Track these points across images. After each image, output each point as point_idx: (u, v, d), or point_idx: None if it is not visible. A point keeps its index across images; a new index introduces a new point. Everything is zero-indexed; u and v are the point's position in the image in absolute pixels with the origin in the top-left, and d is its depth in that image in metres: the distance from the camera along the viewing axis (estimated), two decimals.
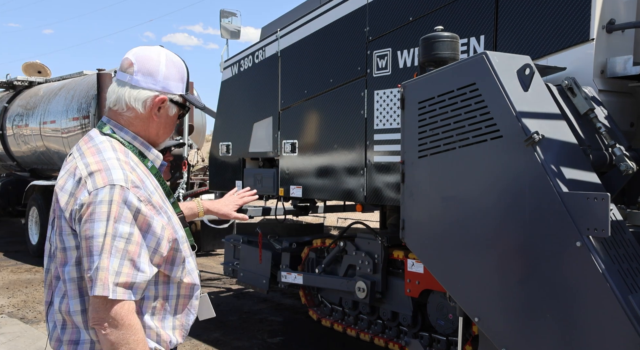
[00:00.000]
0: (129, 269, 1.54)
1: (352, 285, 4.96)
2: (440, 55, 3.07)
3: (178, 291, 1.73)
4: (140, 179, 1.65)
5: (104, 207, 1.53)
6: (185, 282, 1.74)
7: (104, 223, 1.52)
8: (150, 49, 1.77)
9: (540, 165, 2.52)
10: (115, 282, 1.51)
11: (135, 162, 1.70)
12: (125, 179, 1.59)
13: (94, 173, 1.59)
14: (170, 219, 1.69)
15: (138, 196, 1.59)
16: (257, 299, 6.88)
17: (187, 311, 1.76)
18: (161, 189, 1.76)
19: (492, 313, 2.75)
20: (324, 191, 4.85)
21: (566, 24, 3.22)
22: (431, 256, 3.06)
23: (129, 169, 1.63)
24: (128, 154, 1.70)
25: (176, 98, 1.78)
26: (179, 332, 1.75)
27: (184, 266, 1.72)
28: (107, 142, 1.69)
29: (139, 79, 1.71)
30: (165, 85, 1.74)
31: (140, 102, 1.71)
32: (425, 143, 3.02)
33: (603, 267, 2.33)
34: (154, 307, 1.68)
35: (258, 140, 5.51)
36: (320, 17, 4.81)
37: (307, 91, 4.94)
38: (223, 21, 6.37)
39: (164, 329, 1.69)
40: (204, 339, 5.36)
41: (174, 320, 1.73)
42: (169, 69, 1.75)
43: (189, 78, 1.83)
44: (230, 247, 6.51)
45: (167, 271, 1.68)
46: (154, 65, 1.73)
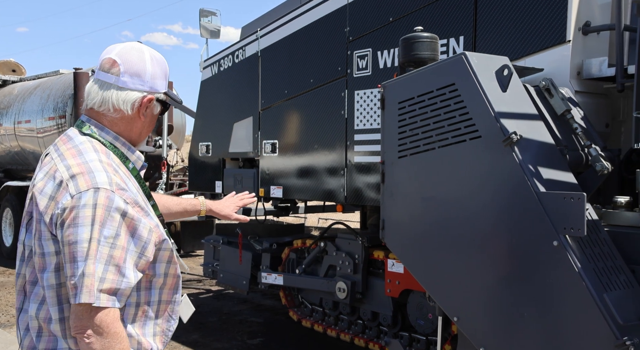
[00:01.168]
0: (113, 275, 1.49)
1: (332, 285, 4.96)
2: (419, 55, 3.09)
3: (159, 297, 1.68)
4: (124, 181, 1.60)
5: (88, 211, 1.48)
6: (168, 286, 1.70)
7: (89, 228, 1.47)
8: (133, 47, 1.72)
9: (518, 165, 2.54)
10: (99, 288, 1.46)
11: (117, 164, 1.65)
12: (110, 181, 1.54)
13: (76, 176, 1.53)
14: (158, 222, 1.66)
15: (124, 198, 1.54)
16: (237, 300, 6.84)
17: (167, 317, 1.72)
18: (142, 191, 1.70)
19: (471, 312, 2.77)
20: (304, 192, 4.84)
21: (543, 26, 3.26)
22: (411, 256, 3.07)
23: (112, 171, 1.58)
24: (110, 155, 1.65)
25: (162, 96, 1.76)
26: (159, 339, 1.70)
27: (169, 264, 1.68)
28: (88, 143, 1.63)
29: (126, 80, 1.66)
30: (152, 85, 1.71)
31: (129, 104, 1.67)
32: (405, 143, 3.03)
33: (579, 266, 2.35)
34: (135, 314, 1.63)
35: (238, 140, 5.48)
36: (301, 16, 4.80)
37: (288, 91, 4.92)
38: (203, 20, 6.32)
39: (144, 336, 1.65)
40: (182, 341, 5.32)
41: (155, 326, 1.68)
42: (154, 68, 1.71)
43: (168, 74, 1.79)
44: (210, 248, 6.46)
45: (150, 270, 1.63)
46: (140, 65, 1.68)
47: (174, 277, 1.71)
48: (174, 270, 1.70)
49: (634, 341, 2.21)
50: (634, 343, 2.20)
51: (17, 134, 10.65)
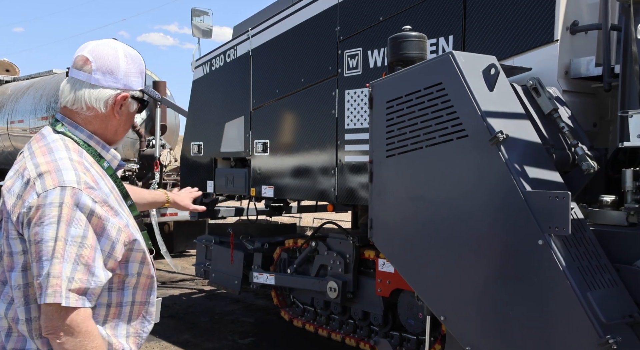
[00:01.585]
0: (82, 274, 1.47)
1: (323, 285, 4.95)
2: (408, 54, 3.09)
3: (133, 297, 1.66)
4: (95, 180, 1.58)
5: (54, 209, 1.46)
6: (141, 286, 1.68)
7: (54, 226, 1.45)
8: (106, 44, 1.69)
9: (504, 164, 2.54)
10: (68, 288, 1.44)
11: (89, 162, 1.63)
12: (78, 179, 1.52)
13: (43, 174, 1.51)
14: (128, 222, 1.63)
15: (92, 197, 1.52)
16: (229, 300, 6.83)
17: (142, 318, 1.69)
18: (117, 191, 1.68)
19: (458, 311, 2.77)
20: (295, 191, 4.84)
21: (531, 25, 3.26)
22: (398, 255, 3.07)
23: (82, 170, 1.56)
24: (82, 153, 1.63)
25: (137, 94, 1.73)
26: (133, 340, 1.68)
27: (142, 265, 1.67)
28: (60, 141, 1.61)
29: (98, 78, 1.64)
30: (126, 82, 1.68)
31: (102, 101, 1.65)
32: (393, 142, 3.03)
33: (564, 265, 2.36)
34: (106, 315, 1.61)
35: (230, 140, 5.47)
36: (292, 16, 4.80)
37: (279, 91, 4.92)
38: (195, 20, 6.31)
39: (116, 337, 1.63)
40: (173, 341, 5.31)
41: (128, 327, 1.66)
42: (128, 65, 1.69)
43: (145, 70, 1.77)
44: (202, 247, 6.45)
45: (122, 271, 1.61)
46: (113, 62, 1.66)
47: (147, 277, 1.69)
48: (147, 270, 1.68)
49: (616, 340, 2.21)
50: (616, 341, 2.21)
51: (10, 133, 10.63)
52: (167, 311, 6.37)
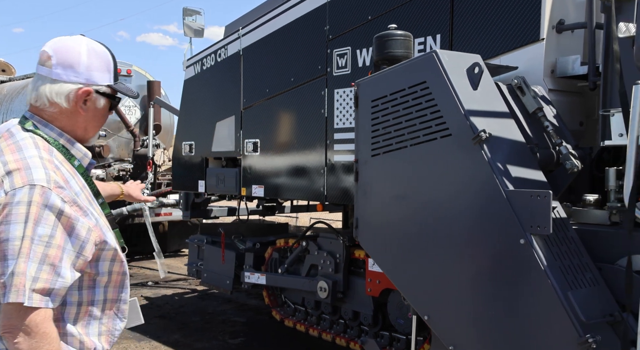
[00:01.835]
0: (47, 274, 1.45)
1: (314, 285, 4.94)
2: (393, 53, 3.08)
3: (105, 296, 1.65)
4: (65, 179, 1.56)
5: (22, 208, 1.44)
6: (113, 284, 1.67)
7: (22, 225, 1.43)
8: (70, 39, 1.67)
9: (487, 163, 2.54)
10: (32, 288, 1.42)
11: (60, 161, 1.60)
12: (48, 178, 1.50)
13: (12, 172, 1.49)
14: (97, 221, 1.60)
15: (62, 197, 1.50)
16: (221, 299, 6.82)
17: (113, 316, 1.68)
18: (88, 190, 1.66)
19: (441, 311, 2.76)
20: (285, 191, 4.83)
21: (517, 24, 3.26)
22: (383, 255, 3.07)
23: (52, 168, 1.54)
24: (52, 151, 1.60)
25: (103, 89, 1.69)
26: (105, 338, 1.66)
27: (113, 262, 1.65)
28: (30, 139, 1.58)
29: (59, 72, 1.61)
30: (88, 77, 1.65)
31: (62, 96, 1.62)
32: (378, 141, 3.02)
33: (545, 264, 2.35)
34: (77, 313, 1.59)
35: (221, 139, 5.46)
36: (282, 15, 4.79)
37: (269, 90, 4.91)
38: (187, 19, 6.30)
39: (87, 335, 1.61)
40: (163, 341, 5.30)
41: (100, 325, 1.65)
42: (90, 59, 1.65)
43: (116, 67, 1.73)
44: (195, 247, 6.45)
45: (93, 269, 1.60)
46: (74, 57, 1.63)
47: (118, 274, 1.67)
48: (118, 267, 1.66)
49: (596, 339, 2.20)
50: (596, 340, 2.20)
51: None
52: (159, 311, 6.36)
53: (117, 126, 9.76)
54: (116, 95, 1.75)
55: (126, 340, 5.37)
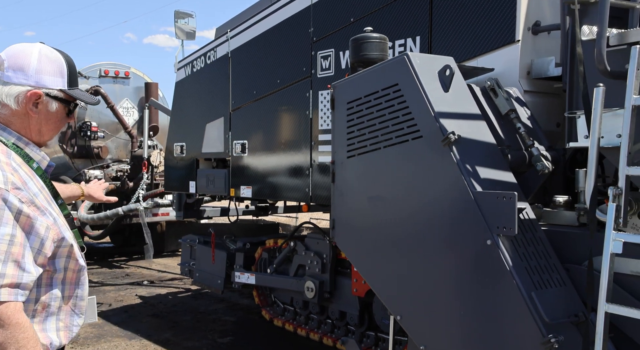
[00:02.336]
0: (13, 270, 1.50)
1: (301, 285, 4.98)
2: (368, 56, 3.11)
3: (62, 293, 1.69)
4: (23, 181, 1.60)
5: None
6: (69, 281, 1.71)
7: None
8: (25, 45, 1.72)
9: (456, 164, 2.56)
10: (0, 284, 1.48)
11: (18, 163, 1.65)
12: (5, 180, 1.54)
13: None
14: (56, 220, 1.65)
15: (19, 198, 1.55)
16: (214, 299, 6.86)
17: (70, 312, 1.73)
18: (47, 191, 1.70)
19: (412, 311, 2.79)
20: (272, 192, 4.87)
21: (493, 26, 3.28)
22: (358, 255, 3.10)
23: (10, 170, 1.58)
24: (10, 154, 1.64)
25: (54, 93, 1.72)
26: (64, 334, 1.70)
27: (69, 259, 1.70)
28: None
29: (10, 75, 1.66)
30: (38, 80, 1.68)
31: (12, 97, 1.66)
32: (353, 143, 3.05)
33: (510, 265, 2.38)
34: (34, 310, 1.64)
35: (211, 140, 5.51)
36: (268, 17, 4.82)
37: (256, 92, 4.95)
38: (179, 22, 6.35)
39: (44, 331, 1.66)
40: (154, 340, 5.34)
41: (57, 322, 1.69)
42: (41, 63, 1.69)
43: (72, 73, 1.77)
44: (187, 247, 6.49)
45: (50, 267, 1.65)
46: (24, 60, 1.68)
47: (74, 271, 1.72)
48: (73, 264, 1.71)
49: (558, 339, 2.23)
50: (558, 340, 2.23)
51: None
52: (152, 310, 6.41)
53: (115, 128, 9.83)
54: (73, 101, 1.78)
55: (117, 338, 5.42)
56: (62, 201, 1.76)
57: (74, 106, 1.79)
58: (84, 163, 9.67)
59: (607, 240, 2.08)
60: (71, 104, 1.78)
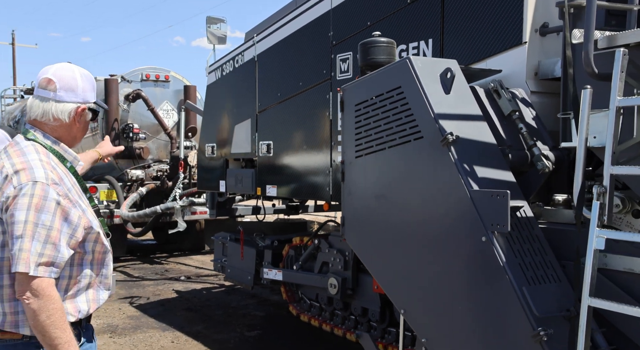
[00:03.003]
0: (50, 251, 1.80)
1: (324, 281, 5.12)
2: (376, 59, 3.23)
3: (90, 271, 2.00)
4: (60, 177, 1.92)
5: (26, 199, 1.80)
6: (96, 261, 2.01)
7: (25, 212, 1.79)
8: (65, 66, 2.06)
9: (454, 164, 2.66)
10: (38, 262, 1.78)
11: (55, 163, 1.96)
12: (46, 176, 1.85)
13: (19, 171, 1.85)
14: (85, 211, 1.96)
15: (57, 191, 1.85)
16: (246, 295, 7.09)
17: (97, 287, 2.04)
18: (78, 186, 2.03)
19: (415, 305, 2.90)
20: (294, 190, 5.03)
21: (501, 29, 3.34)
22: (365, 252, 3.22)
23: (49, 169, 1.89)
24: (49, 155, 1.96)
25: (91, 105, 2.10)
26: (92, 305, 2.02)
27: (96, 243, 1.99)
28: (31, 146, 1.95)
29: (62, 95, 2.00)
30: (84, 97, 2.05)
31: (65, 113, 2.01)
32: (360, 144, 3.18)
33: (504, 261, 2.46)
34: (67, 284, 1.95)
35: (239, 141, 5.71)
36: (291, 22, 4.99)
37: (280, 94, 5.12)
38: (212, 27, 6.60)
39: (75, 302, 1.96)
40: (186, 331, 5.59)
41: (87, 295, 2.00)
42: (84, 83, 2.06)
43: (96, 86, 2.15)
44: (220, 244, 6.72)
45: (81, 249, 1.95)
46: (73, 82, 2.03)
47: (100, 253, 2.03)
48: (100, 248, 2.02)
49: (548, 332, 2.30)
50: (547, 333, 2.30)
51: None
52: (186, 304, 6.68)
53: (155, 129, 10.20)
54: (96, 109, 2.13)
55: (152, 329, 5.70)
56: (90, 195, 2.10)
57: (97, 113, 2.14)
58: (127, 163, 10.07)
59: (590, 236, 2.15)
60: (96, 111, 2.13)
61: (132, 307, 6.57)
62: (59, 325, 1.81)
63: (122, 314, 6.31)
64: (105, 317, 6.18)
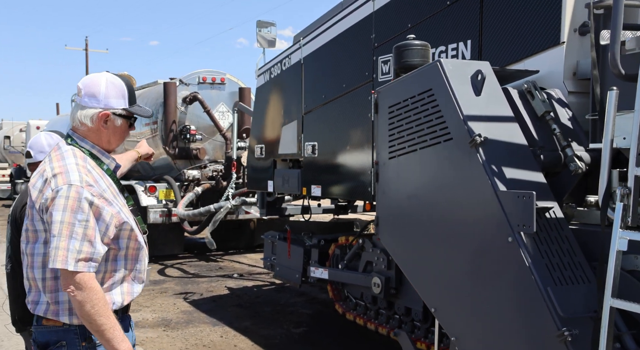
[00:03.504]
0: (87, 247, 1.96)
1: (368, 280, 5.19)
2: (409, 62, 3.28)
3: (125, 266, 2.14)
4: (95, 179, 2.06)
5: (62, 200, 1.95)
6: (130, 257, 2.15)
7: (61, 213, 1.94)
8: (95, 75, 2.19)
9: (481, 165, 2.68)
10: (77, 258, 1.93)
11: (92, 166, 2.11)
12: (81, 179, 2.00)
13: (56, 175, 2.01)
14: (120, 210, 2.11)
15: (91, 192, 2.00)
16: (294, 293, 7.24)
17: (132, 281, 2.18)
18: (114, 187, 2.17)
19: (445, 304, 2.94)
20: (337, 190, 5.13)
21: (539, 29, 3.32)
22: (398, 251, 3.28)
23: (85, 172, 2.04)
24: (86, 159, 2.11)
25: (119, 111, 2.18)
26: (126, 297, 2.16)
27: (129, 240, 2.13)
28: (70, 151, 2.11)
29: (86, 101, 2.13)
30: (106, 103, 2.14)
31: (88, 118, 2.14)
32: (393, 145, 3.24)
33: (530, 261, 2.47)
34: (103, 278, 2.10)
35: (286, 142, 5.86)
36: (335, 25, 5.09)
37: (325, 96, 5.23)
38: (262, 31, 6.78)
39: (111, 294, 2.11)
40: (234, 327, 5.79)
41: (122, 287, 2.15)
42: (108, 90, 2.14)
43: (131, 94, 2.21)
44: (269, 243, 6.91)
45: (115, 245, 2.10)
46: (95, 89, 2.14)
47: (134, 249, 2.17)
48: (133, 244, 2.16)
49: (572, 332, 2.30)
50: (572, 334, 2.30)
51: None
52: (237, 300, 6.89)
53: (211, 130, 10.54)
54: (132, 116, 2.23)
55: (203, 324, 5.93)
56: (127, 195, 2.25)
57: (134, 119, 2.25)
58: (184, 163, 10.45)
59: (613, 238, 2.14)
60: (132, 118, 2.23)
61: (186, 303, 6.85)
62: (102, 313, 1.96)
63: (177, 309, 6.58)
64: (161, 311, 6.47)
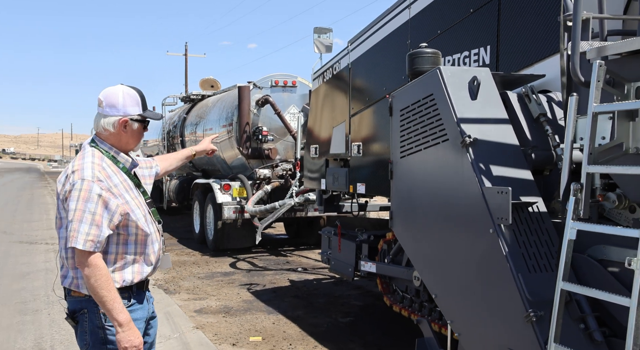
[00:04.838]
0: (95, 231, 2.36)
1: (410, 274, 5.45)
2: (419, 68, 3.57)
3: (135, 250, 2.54)
4: (108, 175, 2.46)
5: (77, 192, 2.37)
6: (138, 242, 2.56)
7: (75, 202, 2.36)
8: (113, 88, 2.60)
9: (470, 163, 2.95)
10: (86, 240, 2.34)
11: (107, 164, 2.51)
12: (92, 175, 2.40)
13: (75, 171, 2.43)
14: (128, 202, 2.48)
15: (100, 186, 2.40)
16: (351, 286, 7.60)
17: (142, 263, 2.57)
18: (129, 182, 2.56)
19: (443, 290, 3.21)
20: (379, 188, 5.44)
21: (546, 35, 3.50)
22: (408, 242, 3.57)
23: (99, 169, 2.44)
24: (103, 158, 2.52)
25: (135, 117, 2.59)
26: (136, 276, 2.54)
27: (137, 228, 2.53)
28: (90, 151, 2.53)
29: (107, 110, 2.55)
30: (125, 111, 2.56)
31: (110, 124, 2.56)
32: (404, 145, 3.55)
33: (507, 250, 2.72)
34: (114, 259, 2.50)
35: (336, 143, 6.24)
36: (378, 31, 5.41)
37: (369, 98, 5.56)
38: (321, 37, 7.20)
39: (123, 273, 2.51)
40: (288, 315, 6.24)
41: (133, 268, 2.54)
42: (125, 100, 2.56)
43: (144, 101, 2.64)
44: (326, 238, 7.31)
45: (124, 231, 2.52)
46: (115, 100, 2.56)
47: (142, 236, 2.57)
48: (141, 232, 2.56)
49: (537, 313, 2.53)
50: (537, 315, 2.53)
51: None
52: (295, 292, 7.36)
53: (282, 131, 11.10)
54: (146, 119, 2.66)
55: (259, 312, 6.44)
56: (143, 189, 2.66)
57: (147, 122, 2.68)
58: (257, 163, 11.08)
59: (566, 228, 2.36)
60: (145, 121, 2.66)
61: (248, 293, 7.40)
62: (104, 286, 2.34)
63: (239, 298, 7.14)
64: (225, 299, 7.05)
